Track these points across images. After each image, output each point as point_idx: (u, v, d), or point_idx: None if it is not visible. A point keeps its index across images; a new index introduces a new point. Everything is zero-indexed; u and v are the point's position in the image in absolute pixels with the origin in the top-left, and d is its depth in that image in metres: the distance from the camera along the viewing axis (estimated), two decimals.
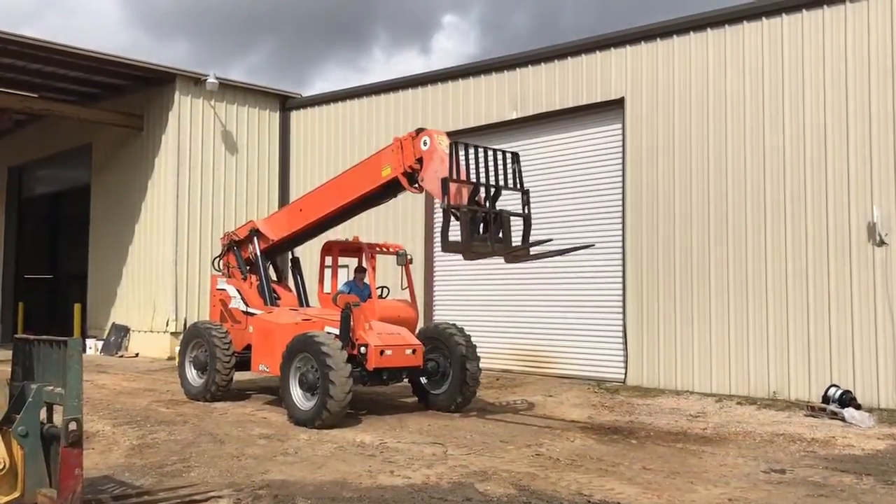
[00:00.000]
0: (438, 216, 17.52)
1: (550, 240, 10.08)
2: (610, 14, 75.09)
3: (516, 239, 9.82)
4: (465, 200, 9.51)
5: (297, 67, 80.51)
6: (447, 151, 9.64)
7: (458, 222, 9.35)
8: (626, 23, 14.54)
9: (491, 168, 9.71)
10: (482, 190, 9.62)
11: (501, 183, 9.81)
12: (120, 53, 19.40)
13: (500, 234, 9.64)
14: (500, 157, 9.87)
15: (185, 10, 79.64)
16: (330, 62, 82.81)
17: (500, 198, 9.83)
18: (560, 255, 10.10)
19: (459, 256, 16.66)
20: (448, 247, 9.50)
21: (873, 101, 11.76)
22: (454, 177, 9.39)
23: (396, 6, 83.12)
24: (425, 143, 10.05)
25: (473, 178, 9.65)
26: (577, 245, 10.81)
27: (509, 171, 9.94)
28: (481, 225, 9.54)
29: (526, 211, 9.99)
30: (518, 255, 9.94)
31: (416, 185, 10.35)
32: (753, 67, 12.94)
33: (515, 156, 10.13)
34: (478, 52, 78.91)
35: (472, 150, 9.69)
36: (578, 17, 76.38)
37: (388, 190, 10.92)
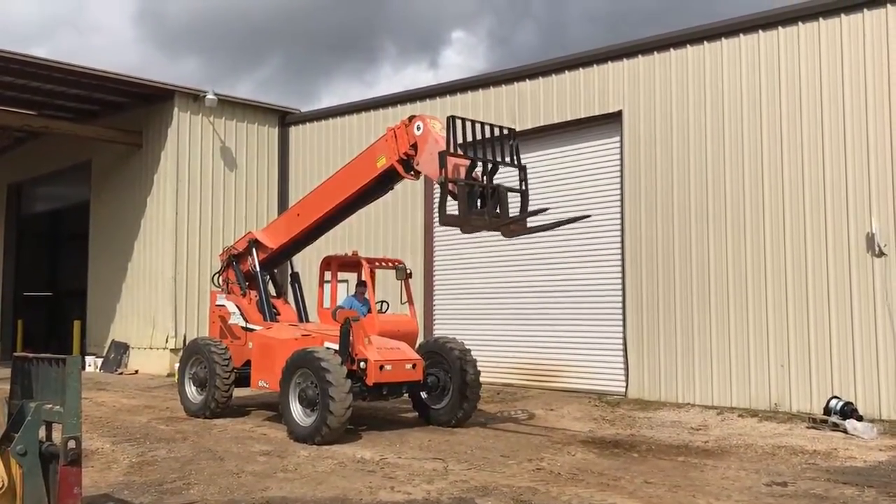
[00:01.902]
0: (438, 230, 17.60)
1: (547, 209, 10.16)
2: (617, 27, 75.48)
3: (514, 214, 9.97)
4: (462, 175, 9.64)
5: (306, 82, 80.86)
6: (442, 134, 9.77)
7: (454, 201, 9.47)
8: (633, 36, 14.64)
9: (488, 144, 9.84)
10: (479, 166, 9.73)
11: (498, 158, 9.92)
12: (132, 70, 19.58)
13: (498, 209, 9.77)
14: (496, 133, 10.00)
15: (197, 26, 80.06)
16: (340, 76, 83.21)
17: (497, 176, 9.95)
18: (557, 227, 10.19)
19: (459, 272, 16.66)
20: (446, 220, 9.59)
21: (870, 111, 11.80)
22: (451, 150, 9.50)
23: (405, 21, 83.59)
24: (419, 128, 10.16)
25: (470, 154, 9.76)
26: (574, 216, 10.77)
27: (506, 147, 10.06)
28: (478, 200, 9.66)
29: (523, 187, 10.11)
30: (515, 229, 10.04)
31: (412, 172, 10.44)
32: (750, 80, 12.98)
33: (512, 132, 10.27)
34: (486, 67, 79.32)
35: (468, 126, 9.78)
36: (586, 31, 76.79)
37: (384, 181, 10.98)
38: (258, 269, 12.39)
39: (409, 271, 12.03)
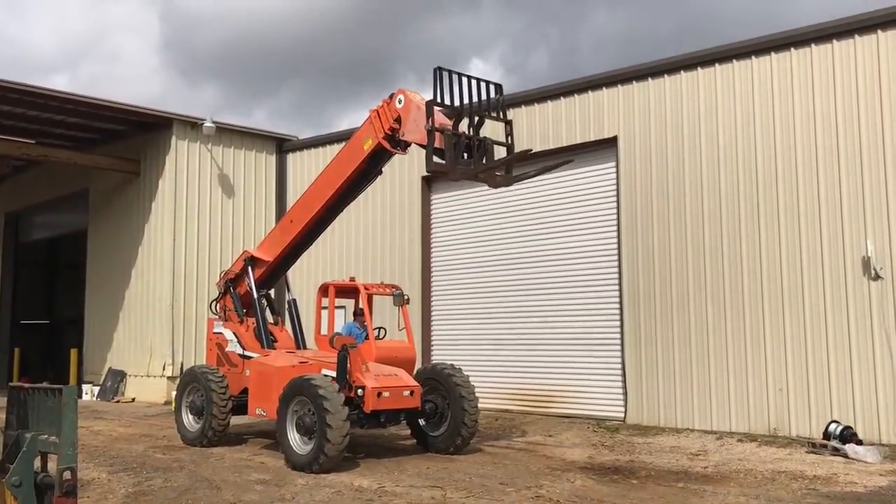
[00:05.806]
0: (435, 250, 17.62)
1: (531, 150, 10.48)
2: (627, 52, 75.75)
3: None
4: (449, 127, 10.02)
5: (322, 110, 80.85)
6: (424, 102, 10.10)
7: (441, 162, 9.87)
8: (643, 60, 14.86)
9: (475, 98, 10.20)
10: (465, 118, 10.11)
11: (485, 111, 10.29)
12: (152, 99, 19.77)
13: (484, 161, 10.16)
14: (483, 87, 10.34)
15: (217, 55, 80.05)
16: (357, 105, 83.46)
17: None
18: (543, 173, 10.55)
19: (457, 298, 16.64)
20: (433, 167, 9.96)
21: (863, 135, 11.88)
22: (439, 101, 9.82)
23: (424, 50, 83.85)
24: (400, 101, 10.42)
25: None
26: (559, 161, 11.27)
27: (493, 102, 10.45)
28: (465, 154, 10.07)
29: (509, 141, 10.50)
30: (500, 181, 10.40)
31: (399, 147, 10.69)
32: (743, 105, 13.08)
33: (499, 87, 10.60)
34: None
35: (455, 79, 10.07)
36: (596, 56, 77.17)
37: (373, 163, 11.15)
38: (255, 289, 12.35)
39: (406, 297, 12.01)
